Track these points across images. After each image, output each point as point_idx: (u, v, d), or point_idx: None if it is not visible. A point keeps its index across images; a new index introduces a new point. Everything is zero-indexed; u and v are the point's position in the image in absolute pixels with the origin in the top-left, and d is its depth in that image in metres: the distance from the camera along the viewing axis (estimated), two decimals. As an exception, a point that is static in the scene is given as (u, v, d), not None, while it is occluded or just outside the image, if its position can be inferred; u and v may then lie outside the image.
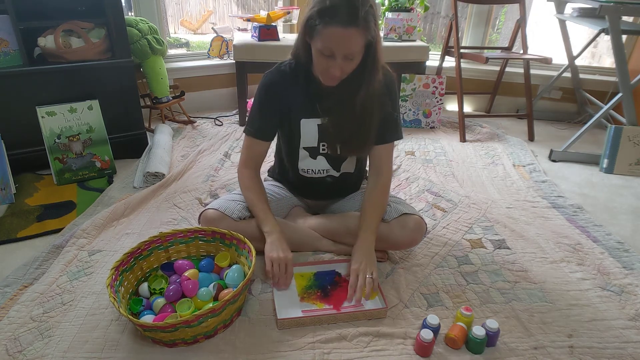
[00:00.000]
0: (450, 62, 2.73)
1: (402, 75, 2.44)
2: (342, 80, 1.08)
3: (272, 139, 1.25)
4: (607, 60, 2.94)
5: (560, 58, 2.51)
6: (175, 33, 5.28)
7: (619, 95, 2.05)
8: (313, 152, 1.24)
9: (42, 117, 1.63)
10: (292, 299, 1.12)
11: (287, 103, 1.18)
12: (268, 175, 1.48)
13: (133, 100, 1.90)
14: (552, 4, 2.51)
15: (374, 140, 1.19)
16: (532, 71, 2.46)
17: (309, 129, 1.20)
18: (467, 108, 2.91)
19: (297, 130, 1.20)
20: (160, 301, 1.03)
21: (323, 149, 1.23)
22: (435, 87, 2.46)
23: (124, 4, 1.81)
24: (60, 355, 0.95)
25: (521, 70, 2.47)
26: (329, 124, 1.17)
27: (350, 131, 1.15)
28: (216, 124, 2.44)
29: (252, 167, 1.25)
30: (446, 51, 2.61)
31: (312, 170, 1.27)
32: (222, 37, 2.68)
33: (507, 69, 2.69)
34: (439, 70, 2.74)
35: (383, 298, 1.11)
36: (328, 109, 1.16)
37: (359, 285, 1.09)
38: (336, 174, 1.29)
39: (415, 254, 1.33)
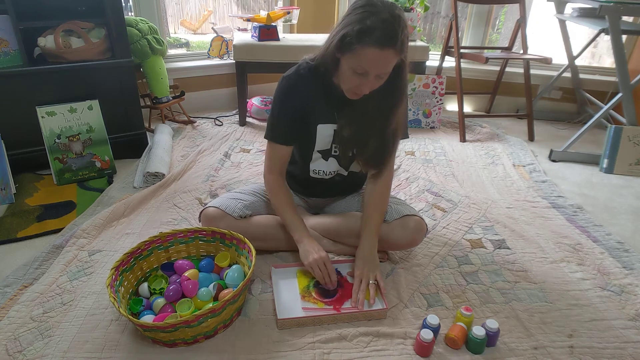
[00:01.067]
0: (450, 62, 2.73)
1: (402, 75, 2.44)
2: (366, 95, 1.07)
3: (295, 143, 1.22)
4: (607, 60, 2.94)
5: (560, 58, 2.51)
6: (175, 33, 5.28)
7: (619, 95, 2.05)
8: (325, 154, 1.24)
9: (42, 117, 1.63)
10: (292, 298, 1.12)
11: (306, 107, 1.16)
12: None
13: (133, 100, 1.90)
14: (552, 4, 2.51)
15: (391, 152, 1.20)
16: (532, 71, 2.46)
17: (325, 134, 1.19)
18: (467, 108, 2.91)
19: (314, 134, 1.19)
20: (160, 301, 1.03)
21: (335, 151, 1.23)
22: (435, 87, 2.46)
23: (124, 4, 1.81)
24: (60, 355, 0.95)
25: (521, 70, 2.47)
26: (346, 131, 1.16)
27: (367, 139, 1.15)
28: (216, 124, 2.44)
29: (277, 172, 1.23)
30: (446, 51, 2.61)
31: (322, 171, 1.27)
32: (222, 37, 2.68)
33: (507, 69, 2.69)
34: (439, 70, 2.74)
35: (383, 299, 1.11)
36: (347, 116, 1.15)
37: (361, 290, 1.11)
38: (344, 173, 1.29)
39: (415, 254, 1.33)
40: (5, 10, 1.55)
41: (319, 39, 2.32)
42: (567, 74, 2.61)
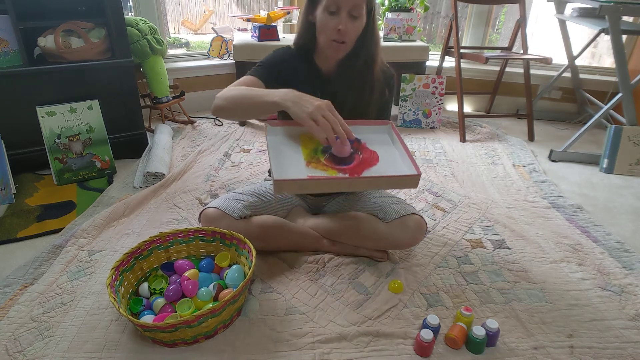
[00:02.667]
0: (450, 62, 2.73)
1: (402, 75, 2.44)
2: (344, 59, 1.11)
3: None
4: (607, 60, 2.94)
5: (560, 58, 2.51)
6: (175, 33, 5.28)
7: (619, 95, 2.05)
8: None
9: (42, 117, 1.63)
10: (295, 163, 0.90)
11: (293, 81, 1.15)
12: (269, 175, 1.48)
13: (133, 100, 1.90)
14: (552, 4, 2.51)
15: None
16: (532, 71, 2.46)
17: None
18: (467, 108, 2.91)
19: None
20: (160, 301, 1.03)
21: None
22: (435, 87, 2.46)
23: (124, 4, 1.81)
24: (60, 355, 0.95)
25: (521, 70, 2.47)
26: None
27: (350, 107, 1.16)
28: (216, 124, 2.44)
29: None
30: (446, 51, 2.61)
31: None
32: (222, 37, 2.68)
33: (507, 69, 2.69)
34: (439, 70, 2.74)
35: (413, 164, 0.90)
36: (331, 93, 1.16)
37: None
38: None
39: (415, 254, 1.33)
40: (5, 10, 1.55)
41: (319, 39, 2.32)
42: (567, 74, 2.61)
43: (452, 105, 2.89)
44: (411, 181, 0.88)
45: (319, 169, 0.88)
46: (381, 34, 1.90)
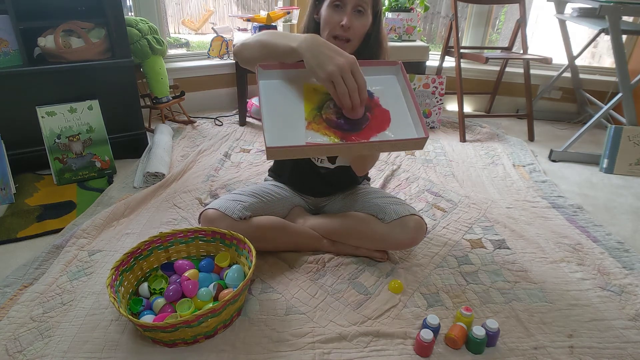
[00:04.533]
0: (450, 62, 2.73)
1: (402, 75, 2.44)
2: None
3: None
4: (607, 60, 2.94)
5: (560, 58, 2.51)
6: (175, 33, 5.27)
7: (619, 95, 2.05)
8: None
9: (42, 117, 1.63)
10: (292, 123, 0.78)
11: None
12: (268, 175, 1.48)
13: (133, 100, 1.90)
14: (552, 4, 2.51)
15: None
16: (532, 71, 2.46)
17: None
18: (467, 108, 2.91)
19: None
20: (160, 301, 1.03)
21: None
22: (435, 87, 2.46)
23: (124, 4, 1.81)
24: (60, 355, 0.95)
25: (521, 70, 2.47)
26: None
27: None
28: (216, 124, 2.44)
29: None
30: (446, 51, 2.61)
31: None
32: (222, 37, 2.68)
33: (507, 69, 2.69)
34: (439, 70, 2.74)
35: (422, 125, 0.82)
36: None
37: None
38: (331, 166, 1.29)
39: (415, 254, 1.33)
40: (5, 10, 1.55)
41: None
42: (567, 74, 2.61)
43: (452, 105, 2.89)
44: (417, 144, 0.81)
45: (320, 133, 0.77)
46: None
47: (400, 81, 0.92)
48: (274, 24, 2.31)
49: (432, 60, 2.72)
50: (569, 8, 2.46)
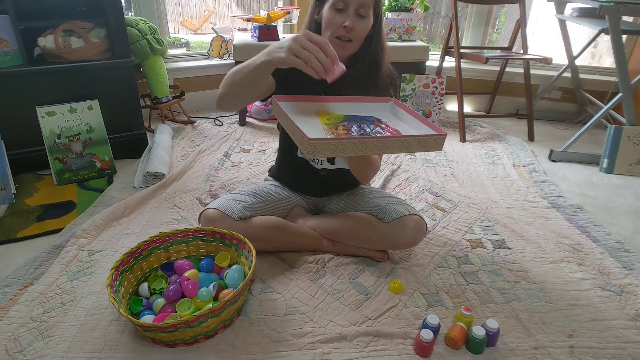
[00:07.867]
0: (450, 62, 2.73)
1: (402, 75, 2.44)
2: (348, 61, 1.10)
3: (270, 83, 1.14)
4: (607, 60, 2.94)
5: (560, 58, 2.51)
6: (175, 33, 5.28)
7: (619, 95, 2.05)
8: None
9: (42, 117, 1.63)
10: (318, 129, 0.85)
11: (300, 79, 1.11)
12: (269, 175, 1.48)
13: (133, 100, 1.90)
14: (552, 4, 2.51)
15: None
16: (532, 71, 2.46)
17: None
18: (467, 108, 2.91)
19: None
20: (160, 301, 1.03)
21: None
22: (435, 87, 2.46)
23: (123, 4, 1.81)
24: (60, 355, 0.95)
25: (521, 70, 2.47)
26: None
27: None
28: (216, 124, 2.44)
29: None
30: (446, 51, 2.61)
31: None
32: (222, 37, 2.68)
33: (507, 69, 2.69)
34: (439, 70, 2.74)
35: (437, 128, 0.90)
36: (335, 94, 1.15)
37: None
38: (330, 167, 1.29)
39: (415, 254, 1.33)
40: (5, 10, 1.55)
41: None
42: (567, 74, 2.61)
43: (452, 105, 2.89)
44: (437, 142, 0.87)
45: (340, 133, 0.84)
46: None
47: (400, 105, 1.04)
48: (274, 24, 2.31)
49: (432, 60, 2.72)
50: (569, 8, 2.46)
